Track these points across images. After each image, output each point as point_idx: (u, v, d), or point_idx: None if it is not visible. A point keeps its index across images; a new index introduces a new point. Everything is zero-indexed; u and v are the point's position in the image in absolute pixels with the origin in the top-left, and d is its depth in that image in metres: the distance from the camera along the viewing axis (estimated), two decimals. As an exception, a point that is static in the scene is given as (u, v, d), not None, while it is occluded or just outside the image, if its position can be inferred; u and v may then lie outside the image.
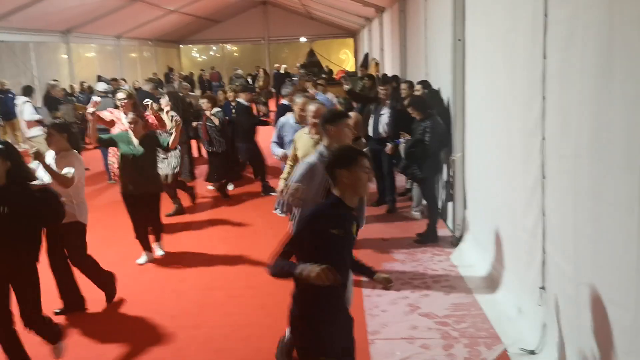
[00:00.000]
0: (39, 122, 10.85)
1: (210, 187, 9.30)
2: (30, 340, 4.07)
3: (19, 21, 14.56)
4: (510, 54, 4.56)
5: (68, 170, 4.68)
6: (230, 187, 9.32)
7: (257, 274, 5.82)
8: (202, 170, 9.99)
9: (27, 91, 11.73)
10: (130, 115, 6.02)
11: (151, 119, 7.32)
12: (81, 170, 4.87)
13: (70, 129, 5.08)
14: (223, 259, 6.35)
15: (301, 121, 5.88)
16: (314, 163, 3.97)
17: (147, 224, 6.23)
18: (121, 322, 4.93)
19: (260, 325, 4.76)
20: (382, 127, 7.44)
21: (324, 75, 19.91)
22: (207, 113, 8.57)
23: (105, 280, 5.23)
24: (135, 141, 5.90)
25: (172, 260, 6.34)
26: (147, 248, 6.24)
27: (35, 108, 11.36)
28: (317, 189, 3.89)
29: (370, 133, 7.56)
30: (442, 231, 6.70)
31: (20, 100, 11.43)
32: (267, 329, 4.65)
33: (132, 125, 5.89)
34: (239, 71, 21.64)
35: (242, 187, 9.69)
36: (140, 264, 6.16)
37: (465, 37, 5.95)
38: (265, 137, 10.78)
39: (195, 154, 11.26)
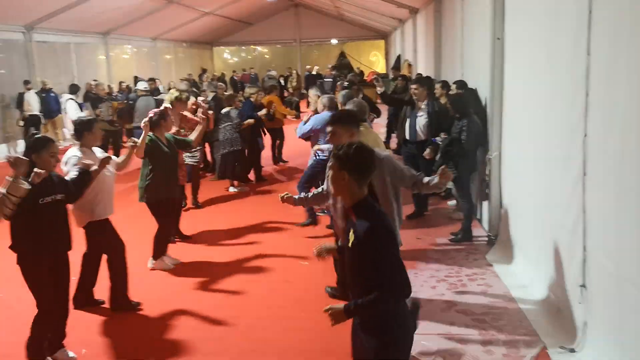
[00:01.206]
0: None
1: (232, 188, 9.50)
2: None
3: (60, 22, 15.02)
4: (552, 51, 4.54)
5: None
6: (232, 189, 9.45)
7: (293, 269, 5.92)
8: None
9: (73, 89, 12.01)
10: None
11: (189, 116, 7.46)
12: None
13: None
14: (259, 253, 6.45)
15: None
16: None
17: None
18: (163, 313, 5.04)
19: (298, 318, 4.83)
20: (420, 129, 7.27)
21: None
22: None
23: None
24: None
25: (210, 254, 6.47)
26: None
27: (80, 105, 11.64)
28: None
29: (407, 136, 7.42)
30: (477, 230, 6.69)
31: (65, 97, 11.73)
32: (304, 322, 4.72)
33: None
34: (273, 72, 21.83)
35: (280, 185, 9.82)
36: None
37: (505, 35, 5.93)
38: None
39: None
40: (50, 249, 4.06)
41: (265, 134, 10.43)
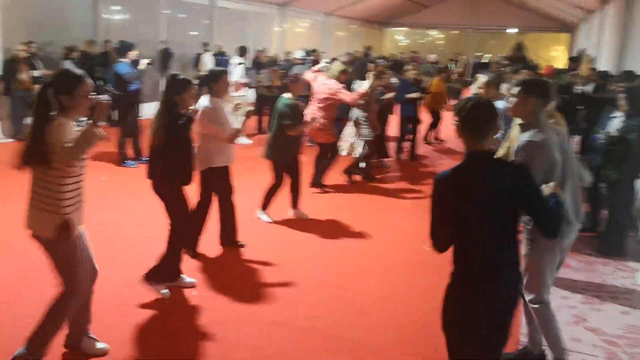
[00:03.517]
0: (245, 84, 11.75)
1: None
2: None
3: (242, -10, 15.89)
4: None
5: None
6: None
7: (414, 250, 5.70)
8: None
9: (242, 51, 12.57)
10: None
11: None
12: (224, 119, 5.09)
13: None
14: (382, 230, 6.35)
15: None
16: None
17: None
18: (272, 272, 5.11)
19: (403, 301, 4.63)
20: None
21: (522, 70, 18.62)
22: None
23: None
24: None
25: (331, 223, 6.48)
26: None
27: (246, 70, 12.22)
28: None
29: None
30: (632, 246, 5.88)
31: (234, 60, 12.37)
32: (410, 307, 4.52)
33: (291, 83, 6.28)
34: (432, 56, 21.07)
35: (423, 167, 9.58)
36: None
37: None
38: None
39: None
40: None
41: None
